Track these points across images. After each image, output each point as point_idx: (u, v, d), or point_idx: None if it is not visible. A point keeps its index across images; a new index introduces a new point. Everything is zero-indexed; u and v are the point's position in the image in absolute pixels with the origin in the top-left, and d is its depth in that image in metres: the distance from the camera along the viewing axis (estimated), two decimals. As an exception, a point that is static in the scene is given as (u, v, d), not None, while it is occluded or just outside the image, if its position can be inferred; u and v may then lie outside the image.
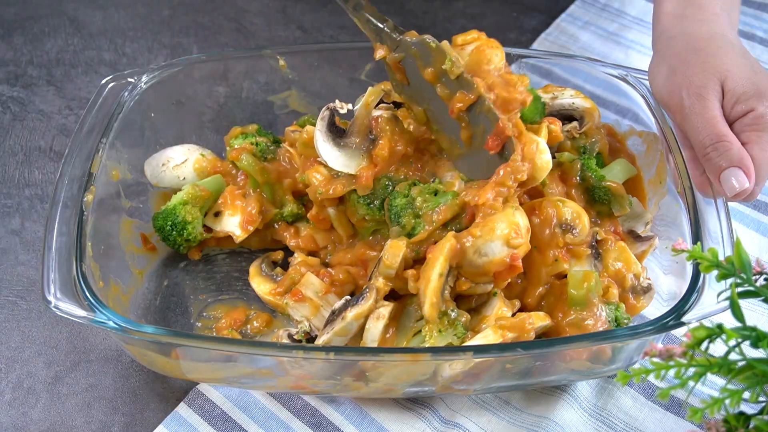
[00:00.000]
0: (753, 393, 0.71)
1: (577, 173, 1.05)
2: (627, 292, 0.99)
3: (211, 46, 1.50)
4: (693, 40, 1.02)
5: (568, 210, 0.98)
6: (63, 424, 0.98)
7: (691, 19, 1.05)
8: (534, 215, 0.98)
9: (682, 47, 1.02)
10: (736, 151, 0.92)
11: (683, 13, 1.06)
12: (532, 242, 0.96)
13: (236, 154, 1.10)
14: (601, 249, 1.00)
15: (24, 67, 1.45)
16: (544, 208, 0.98)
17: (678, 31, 1.05)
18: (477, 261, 0.91)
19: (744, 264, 0.75)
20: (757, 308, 1.08)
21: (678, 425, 0.97)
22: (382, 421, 0.98)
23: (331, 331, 0.93)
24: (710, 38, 1.02)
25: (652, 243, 1.05)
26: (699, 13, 1.06)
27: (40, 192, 1.24)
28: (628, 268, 0.99)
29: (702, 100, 0.96)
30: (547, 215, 0.97)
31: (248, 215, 1.08)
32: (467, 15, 1.56)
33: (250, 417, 0.98)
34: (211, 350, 0.88)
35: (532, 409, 0.98)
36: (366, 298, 0.93)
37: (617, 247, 1.00)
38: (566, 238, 0.97)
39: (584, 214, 0.98)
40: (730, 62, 0.98)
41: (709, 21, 1.05)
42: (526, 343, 0.89)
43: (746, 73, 0.97)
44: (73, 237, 0.93)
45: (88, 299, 0.87)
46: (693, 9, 1.06)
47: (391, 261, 0.94)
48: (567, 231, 0.97)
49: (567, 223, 0.97)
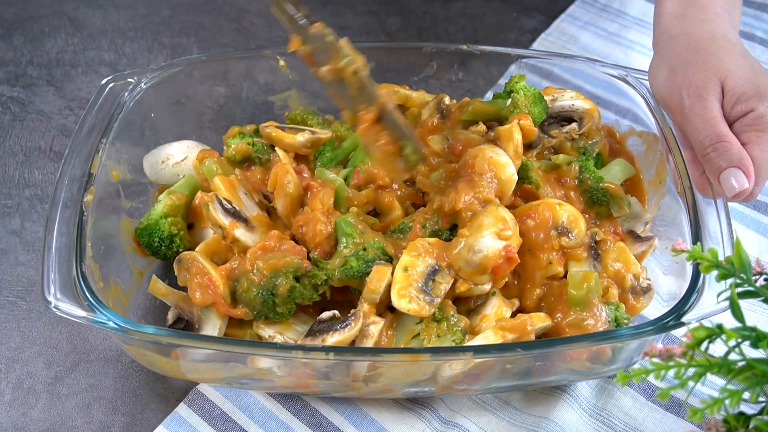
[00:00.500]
0: (753, 393, 0.71)
1: (575, 175, 1.05)
2: (627, 293, 0.98)
3: (211, 46, 1.50)
4: (694, 39, 1.02)
5: (564, 213, 0.97)
6: (63, 424, 0.98)
7: (692, 18, 1.05)
8: (529, 218, 0.97)
9: (682, 47, 1.02)
10: (736, 151, 0.92)
11: (684, 13, 1.06)
12: (525, 245, 0.96)
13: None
14: (600, 249, 0.99)
15: (24, 68, 1.45)
16: (541, 211, 0.97)
17: (679, 30, 1.05)
18: (473, 259, 0.91)
19: (744, 264, 0.75)
20: (757, 308, 1.08)
21: (678, 425, 0.97)
22: (382, 421, 0.98)
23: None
24: (711, 38, 1.02)
25: (652, 243, 1.05)
26: (700, 12, 1.06)
27: (40, 192, 1.24)
28: (627, 268, 0.98)
29: (702, 101, 0.96)
30: (543, 218, 0.97)
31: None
32: (467, 15, 1.56)
33: (250, 417, 0.98)
34: (211, 350, 0.88)
35: (532, 410, 0.98)
36: (350, 327, 0.91)
37: (616, 248, 0.99)
38: (561, 241, 0.97)
39: (581, 218, 0.98)
40: (731, 62, 0.98)
41: (710, 21, 1.05)
42: (527, 343, 0.89)
43: (746, 73, 0.96)
44: (73, 237, 0.93)
45: (88, 299, 0.87)
46: (694, 9, 1.06)
47: (375, 286, 0.92)
48: (563, 234, 0.97)
49: (563, 227, 0.97)
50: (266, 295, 0.94)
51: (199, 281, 0.95)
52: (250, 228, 1.01)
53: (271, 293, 0.94)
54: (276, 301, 0.94)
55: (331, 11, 1.57)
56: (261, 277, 0.94)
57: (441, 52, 1.20)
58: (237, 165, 1.10)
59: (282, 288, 0.93)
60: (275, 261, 0.94)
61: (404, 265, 0.92)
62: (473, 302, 0.98)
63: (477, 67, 1.23)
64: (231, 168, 1.09)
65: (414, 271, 0.92)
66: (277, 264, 0.94)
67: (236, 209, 1.01)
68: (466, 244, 0.92)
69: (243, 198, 1.04)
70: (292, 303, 0.95)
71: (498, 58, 1.19)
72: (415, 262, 0.93)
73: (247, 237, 1.00)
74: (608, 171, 1.08)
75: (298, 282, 0.94)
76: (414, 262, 0.93)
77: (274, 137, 1.09)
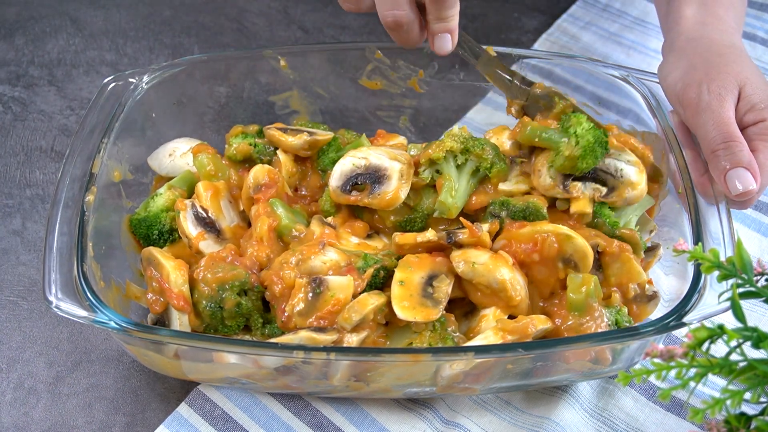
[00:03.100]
0: (754, 394, 0.71)
1: (588, 220, 0.99)
2: (630, 302, 0.96)
3: (213, 46, 1.50)
4: (715, 45, 1.04)
5: (572, 246, 0.93)
6: (64, 424, 0.98)
7: (712, 27, 1.08)
8: (534, 251, 0.93)
9: (704, 48, 1.04)
10: (746, 153, 0.93)
11: (704, 20, 1.09)
12: (528, 275, 0.95)
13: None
14: (603, 261, 0.96)
15: (25, 68, 1.45)
16: (548, 244, 0.93)
17: (700, 34, 1.07)
18: (492, 285, 0.92)
19: (745, 265, 0.75)
20: (759, 309, 1.08)
21: (679, 426, 0.97)
22: (383, 421, 0.98)
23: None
24: (731, 46, 1.04)
25: (657, 252, 1.02)
26: (719, 23, 1.08)
27: (41, 192, 1.24)
28: (631, 278, 0.95)
29: (720, 99, 0.96)
30: (550, 251, 0.93)
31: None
32: (469, 15, 1.56)
33: (250, 417, 0.98)
34: (211, 351, 0.88)
35: (533, 410, 0.98)
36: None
37: (621, 259, 0.95)
38: (567, 271, 0.93)
39: (590, 254, 0.93)
40: (749, 72, 1.00)
41: (727, 32, 1.07)
42: (527, 343, 0.89)
43: (763, 85, 0.99)
44: (74, 237, 0.93)
45: (89, 299, 0.87)
46: (713, 19, 1.09)
47: (348, 315, 0.89)
48: (568, 266, 0.93)
49: (570, 259, 0.93)
50: (214, 308, 0.93)
51: (156, 287, 0.95)
52: (221, 240, 1.01)
53: (219, 306, 0.93)
54: (224, 315, 0.93)
55: (332, 11, 1.57)
56: (210, 289, 0.93)
57: (442, 52, 1.20)
58: (238, 164, 1.10)
59: (229, 302, 0.92)
60: (223, 274, 0.93)
61: (399, 279, 0.92)
62: (469, 305, 0.98)
63: (478, 67, 1.22)
64: (225, 166, 1.09)
65: (410, 282, 0.92)
66: (224, 277, 0.93)
67: (212, 218, 1.01)
68: (480, 275, 0.92)
69: (224, 206, 1.04)
70: (241, 317, 0.94)
71: (499, 58, 1.19)
72: (409, 276, 0.92)
73: (211, 249, 0.99)
74: (623, 211, 1.01)
75: (246, 295, 0.94)
76: (408, 276, 0.92)
77: (275, 139, 1.09)
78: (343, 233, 1.01)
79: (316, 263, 0.94)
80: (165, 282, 0.94)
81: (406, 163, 1.01)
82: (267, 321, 0.96)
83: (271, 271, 0.95)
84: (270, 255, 0.98)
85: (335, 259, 0.95)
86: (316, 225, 1.00)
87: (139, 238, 1.06)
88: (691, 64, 1.02)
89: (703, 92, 0.97)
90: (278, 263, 0.95)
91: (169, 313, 0.95)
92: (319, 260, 0.94)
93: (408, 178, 1.00)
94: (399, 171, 1.00)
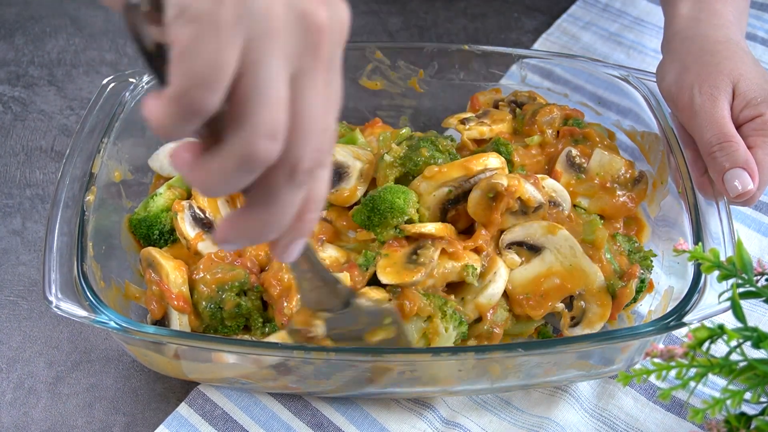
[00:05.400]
0: (754, 393, 0.71)
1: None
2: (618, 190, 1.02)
3: (213, 46, 1.50)
4: (709, 42, 1.03)
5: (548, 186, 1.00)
6: (64, 424, 0.98)
7: (706, 23, 1.06)
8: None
9: (697, 48, 1.03)
10: (742, 152, 0.92)
11: (698, 17, 1.07)
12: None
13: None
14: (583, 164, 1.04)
15: (25, 67, 1.45)
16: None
17: (693, 32, 1.06)
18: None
19: (745, 264, 0.75)
20: (759, 309, 1.08)
21: (679, 426, 0.97)
22: (383, 421, 0.98)
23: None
24: (726, 42, 1.03)
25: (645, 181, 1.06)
26: (714, 18, 1.07)
27: (41, 192, 1.24)
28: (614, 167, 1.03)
29: (713, 100, 0.96)
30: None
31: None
32: (468, 15, 1.56)
33: (251, 417, 0.98)
34: (211, 351, 0.88)
35: (533, 410, 0.98)
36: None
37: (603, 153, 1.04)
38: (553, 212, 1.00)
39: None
40: (744, 67, 0.99)
41: (723, 26, 1.06)
42: (527, 343, 0.89)
43: (759, 79, 0.98)
44: (74, 237, 0.93)
45: (89, 299, 0.87)
46: (707, 14, 1.07)
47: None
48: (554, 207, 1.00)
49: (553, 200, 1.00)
50: (214, 309, 0.93)
51: (155, 290, 0.95)
52: None
53: (219, 307, 0.93)
54: (224, 315, 0.93)
55: (333, 11, 1.56)
56: (209, 290, 0.93)
57: (442, 52, 1.20)
58: None
59: (228, 303, 0.92)
60: (222, 274, 0.93)
61: (384, 254, 0.93)
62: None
63: (478, 67, 1.23)
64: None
65: (394, 256, 0.92)
66: (223, 278, 0.93)
67: (209, 219, 1.01)
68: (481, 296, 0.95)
69: (221, 206, 1.04)
70: (242, 318, 0.94)
71: (499, 58, 1.19)
72: (392, 252, 0.93)
73: (210, 249, 0.99)
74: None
75: (246, 295, 0.94)
76: (392, 252, 0.93)
77: None
78: (341, 227, 1.01)
79: None
80: (164, 282, 0.94)
81: (368, 162, 1.03)
82: (267, 320, 0.96)
83: (270, 273, 0.95)
84: (269, 254, 0.98)
85: (335, 256, 0.95)
86: None
87: (139, 238, 1.05)
88: (684, 66, 1.01)
89: (695, 94, 0.97)
90: (276, 265, 0.95)
91: (168, 314, 0.95)
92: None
93: (367, 179, 1.03)
94: (359, 170, 1.02)
